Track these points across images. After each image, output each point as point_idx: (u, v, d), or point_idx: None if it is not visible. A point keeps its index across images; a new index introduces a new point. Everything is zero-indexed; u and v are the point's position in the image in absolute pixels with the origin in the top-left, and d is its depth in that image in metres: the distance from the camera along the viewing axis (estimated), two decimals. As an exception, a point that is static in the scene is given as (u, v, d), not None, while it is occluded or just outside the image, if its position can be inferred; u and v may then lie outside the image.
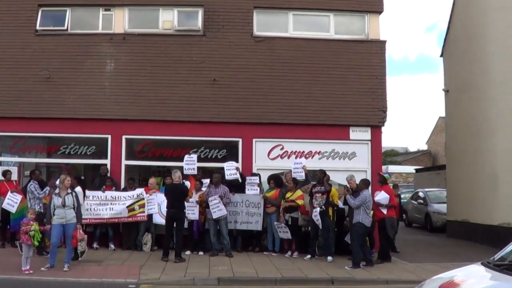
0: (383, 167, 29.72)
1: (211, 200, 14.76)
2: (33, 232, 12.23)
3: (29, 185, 14.85)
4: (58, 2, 17.39)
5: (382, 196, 14.19)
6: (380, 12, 17.42)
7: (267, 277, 12.24)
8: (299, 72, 16.93)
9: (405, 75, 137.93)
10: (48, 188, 14.56)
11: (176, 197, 14.10)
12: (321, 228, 14.24)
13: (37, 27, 17.17)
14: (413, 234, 22.82)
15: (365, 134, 16.92)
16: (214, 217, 14.75)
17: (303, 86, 16.93)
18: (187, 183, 15.23)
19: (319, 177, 14.68)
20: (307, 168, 15.51)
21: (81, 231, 12.95)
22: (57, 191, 12.74)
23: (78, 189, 14.18)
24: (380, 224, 14.33)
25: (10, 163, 17.32)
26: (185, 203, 14.37)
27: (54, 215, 12.52)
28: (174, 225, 14.13)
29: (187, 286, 11.71)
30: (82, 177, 16.63)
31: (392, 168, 35.06)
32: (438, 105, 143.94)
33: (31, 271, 11.96)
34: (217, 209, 14.69)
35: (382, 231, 14.39)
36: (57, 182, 13.17)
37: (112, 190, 15.80)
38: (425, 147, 61.75)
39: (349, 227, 14.11)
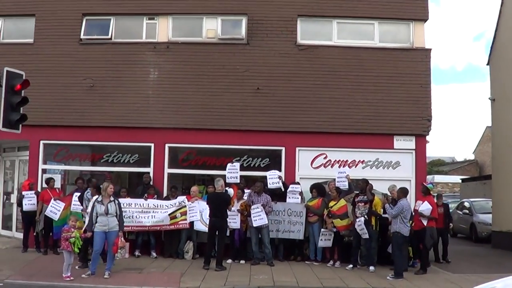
0: (429, 177, 29.88)
1: (253, 208, 15.14)
2: (73, 239, 12.62)
3: (85, 192, 15.28)
4: (102, 11, 17.99)
5: (425, 207, 14.36)
6: (425, 20, 17.61)
7: (307, 287, 12.49)
8: (343, 81, 17.24)
9: (452, 84, 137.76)
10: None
11: (218, 205, 14.45)
12: (366, 237, 14.49)
13: (81, 36, 17.81)
14: (458, 244, 22.81)
15: (410, 143, 17.12)
16: (254, 225, 15.14)
17: (347, 94, 17.21)
18: (231, 191, 15.60)
19: (362, 187, 14.97)
20: (350, 177, 15.83)
21: (122, 238, 13.33)
22: (99, 198, 13.12)
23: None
24: (420, 234, 14.48)
25: (56, 171, 18.01)
26: (227, 211, 14.74)
27: (96, 222, 12.90)
28: (216, 234, 14.53)
29: (227, 295, 11.98)
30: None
31: (438, 178, 35.14)
32: (485, 115, 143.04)
33: (71, 278, 12.46)
34: (258, 218, 15.07)
35: (421, 241, 14.55)
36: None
37: (154, 199, 16.21)
38: (472, 157, 61.29)
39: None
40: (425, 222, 14.38)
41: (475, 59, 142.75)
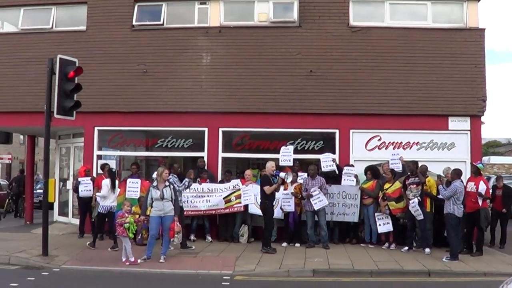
0: (485, 158, 30.39)
1: (313, 191, 16.01)
2: (128, 224, 13.40)
3: (168, 178, 16.15)
4: None
5: (482, 187, 14.96)
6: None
7: (362, 269, 12.97)
8: (396, 62, 17.92)
9: (508, 63, 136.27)
10: (187, 180, 15.69)
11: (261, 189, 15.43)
12: (422, 218, 15.10)
13: (134, 23, 18.91)
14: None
15: (464, 124, 17.77)
16: (315, 208, 15.91)
17: (400, 75, 17.90)
18: (282, 174, 15.98)
19: (412, 169, 15.57)
20: (404, 159, 16.49)
21: (178, 223, 14.21)
22: (155, 183, 13.83)
23: (105, 181, 15.65)
24: (474, 216, 15.03)
25: (112, 157, 19.15)
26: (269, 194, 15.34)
27: (151, 207, 13.66)
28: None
29: (282, 278, 12.49)
30: (113, 169, 17.39)
31: (494, 159, 35.64)
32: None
33: (127, 263, 13.24)
34: (318, 200, 15.88)
35: (476, 222, 15.11)
36: (154, 175, 14.54)
37: (207, 183, 17.19)
38: (528, 138, 61.94)
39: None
40: (481, 203, 14.94)
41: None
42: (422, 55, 18.06)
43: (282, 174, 15.60)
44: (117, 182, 16.22)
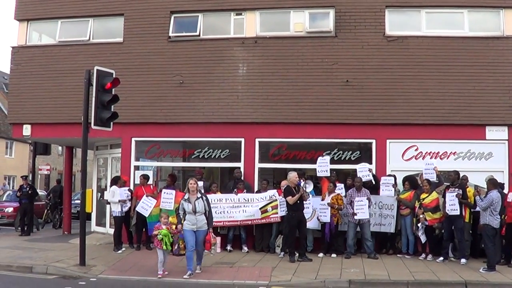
0: None
1: (358, 201, 16.29)
2: (160, 236, 13.39)
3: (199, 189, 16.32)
4: (190, 8, 19.57)
5: None
6: None
7: (398, 280, 13.11)
8: (432, 71, 18.15)
9: None
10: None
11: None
12: (457, 213, 15.22)
13: (170, 34, 19.46)
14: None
15: (502, 133, 17.91)
16: (357, 218, 16.26)
17: (436, 85, 18.11)
18: (302, 184, 16.15)
19: (453, 178, 15.80)
20: (438, 169, 16.70)
21: (213, 234, 14.03)
22: (186, 196, 13.59)
23: (113, 188, 16.32)
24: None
25: (150, 167, 19.67)
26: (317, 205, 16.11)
27: (184, 220, 13.49)
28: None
29: (318, 288, 12.72)
30: (120, 177, 18.40)
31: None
32: None
33: (165, 273, 13.53)
34: (361, 211, 16.21)
35: None
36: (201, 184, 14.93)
37: (244, 193, 17.60)
38: None
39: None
40: None
41: None
42: (459, 64, 18.24)
43: (302, 184, 15.98)
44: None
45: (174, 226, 14.13)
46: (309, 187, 16.23)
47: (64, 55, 20.22)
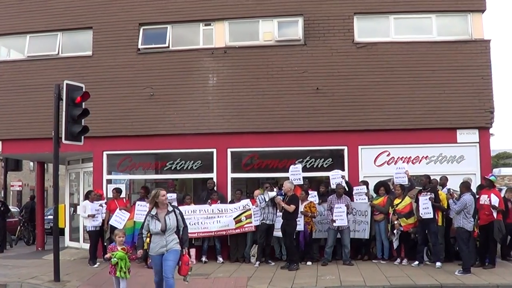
0: (495, 170, 30.48)
1: (337, 208, 16.43)
2: (115, 260, 11.28)
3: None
4: (158, 20, 19.64)
5: (494, 199, 15.21)
6: (482, 10, 18.60)
7: (374, 285, 13.31)
8: (402, 76, 18.38)
9: None
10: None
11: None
12: (430, 217, 15.37)
13: (139, 46, 19.54)
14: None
15: (473, 136, 18.13)
16: (335, 225, 16.42)
17: (407, 90, 18.32)
18: (272, 194, 16.43)
19: (424, 182, 16.03)
20: (409, 173, 16.90)
21: (188, 255, 11.31)
22: (153, 212, 10.91)
23: (84, 203, 16.34)
24: (489, 227, 15.27)
25: (122, 181, 19.69)
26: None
27: (150, 242, 10.92)
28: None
29: (294, 297, 12.78)
30: (92, 191, 18.35)
31: (505, 171, 35.90)
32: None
33: None
34: (339, 218, 16.33)
35: (490, 234, 15.30)
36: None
37: (217, 203, 17.66)
38: (540, 149, 62.22)
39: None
40: (495, 215, 15.17)
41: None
42: (428, 68, 18.49)
43: (271, 194, 16.31)
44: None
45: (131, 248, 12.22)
46: (269, 196, 16.32)
47: (34, 70, 20.27)
